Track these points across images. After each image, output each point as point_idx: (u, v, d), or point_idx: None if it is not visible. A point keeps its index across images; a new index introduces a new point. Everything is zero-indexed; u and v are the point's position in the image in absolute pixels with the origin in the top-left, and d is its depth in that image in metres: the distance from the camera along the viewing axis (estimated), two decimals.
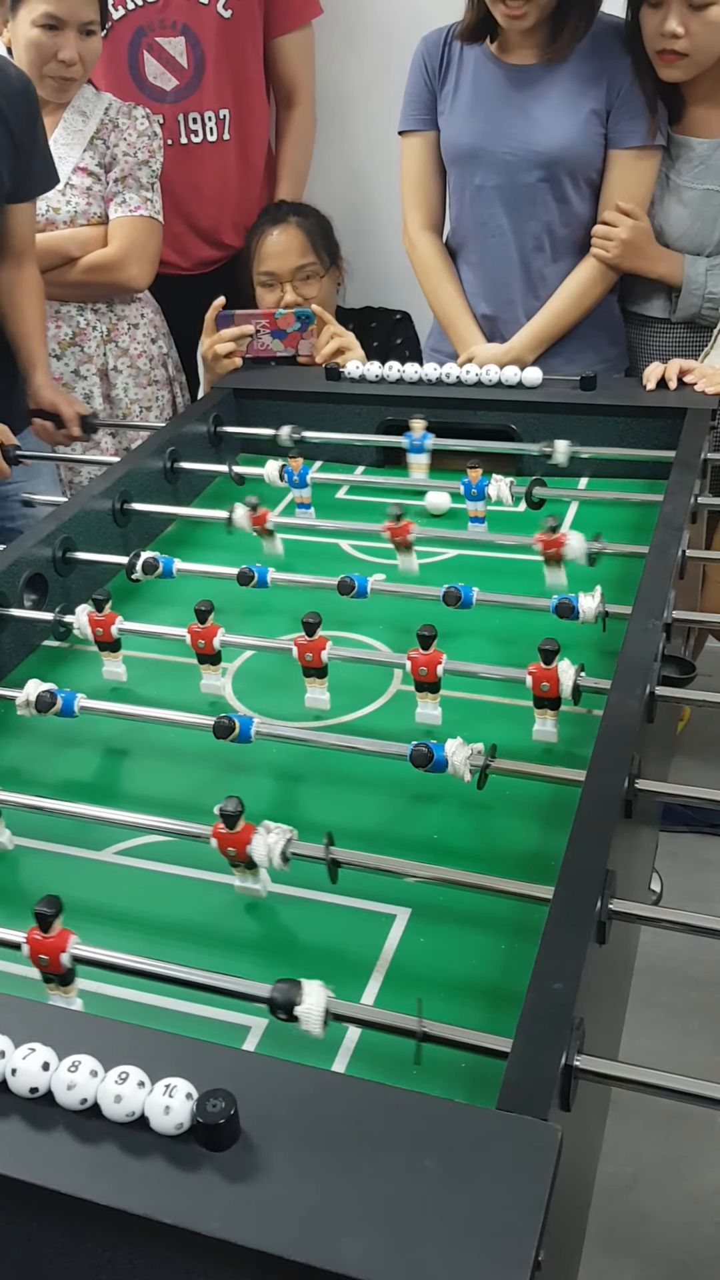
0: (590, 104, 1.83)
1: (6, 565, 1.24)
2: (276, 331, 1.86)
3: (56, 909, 0.76)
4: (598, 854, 0.79)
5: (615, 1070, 0.68)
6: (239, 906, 0.91)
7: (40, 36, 1.87)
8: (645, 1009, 1.29)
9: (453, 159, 1.95)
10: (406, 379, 1.68)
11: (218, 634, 1.13)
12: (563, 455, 1.51)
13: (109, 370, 2.11)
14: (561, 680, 1.02)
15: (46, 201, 1.98)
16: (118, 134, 2.01)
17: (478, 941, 0.86)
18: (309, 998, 0.71)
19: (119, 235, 2.01)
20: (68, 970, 0.77)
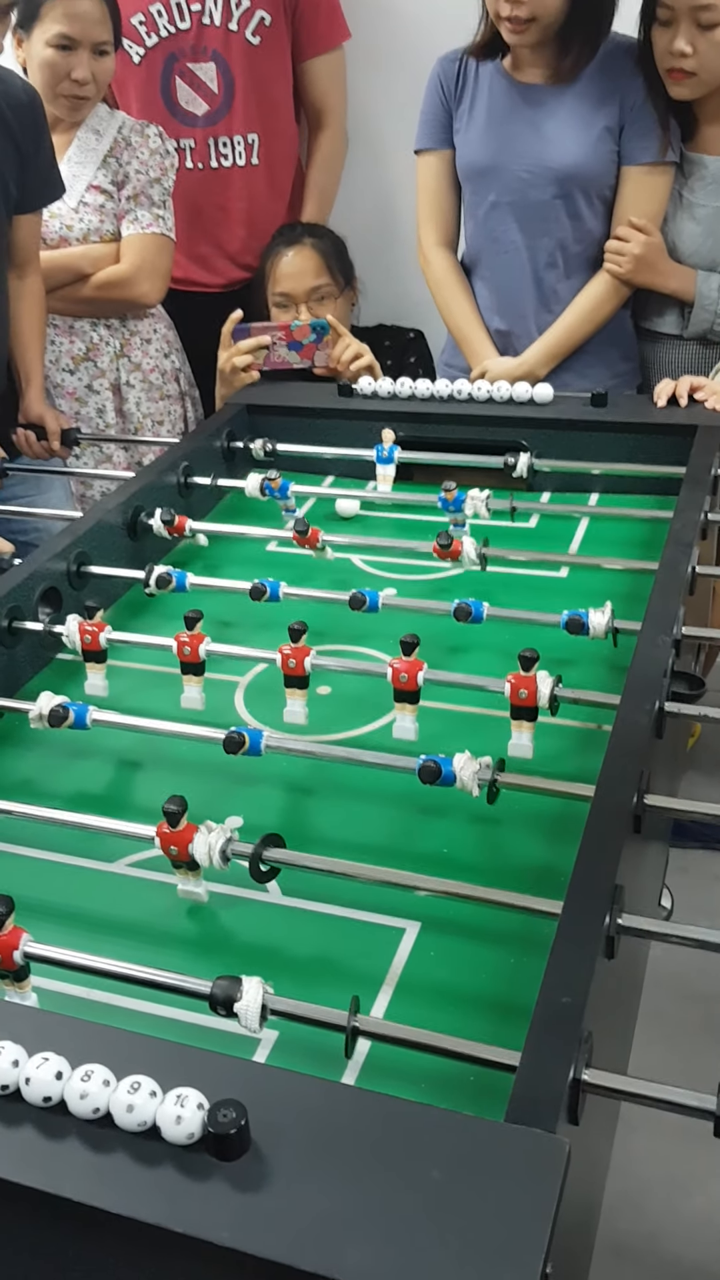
0: (603, 121, 1.85)
1: (22, 579, 1.25)
2: (292, 343, 1.87)
3: (8, 908, 0.78)
4: (606, 869, 0.79)
5: (623, 1084, 0.69)
6: (248, 920, 0.92)
7: (54, 56, 1.90)
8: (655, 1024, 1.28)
9: (467, 176, 1.97)
10: (418, 395, 1.70)
11: (203, 643, 1.14)
12: (523, 468, 1.54)
13: (121, 385, 2.13)
14: (539, 689, 1.02)
15: (60, 219, 2.01)
16: (130, 152, 2.03)
17: (487, 955, 0.87)
18: (247, 994, 0.73)
19: (131, 252, 2.04)
20: (21, 966, 0.80)
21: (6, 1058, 0.64)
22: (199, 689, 1.16)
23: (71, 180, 2.01)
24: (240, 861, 0.89)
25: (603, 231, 1.93)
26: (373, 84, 2.35)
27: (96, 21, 1.89)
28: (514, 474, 1.54)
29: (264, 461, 1.70)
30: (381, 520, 1.59)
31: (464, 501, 1.43)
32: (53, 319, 2.07)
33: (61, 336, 2.09)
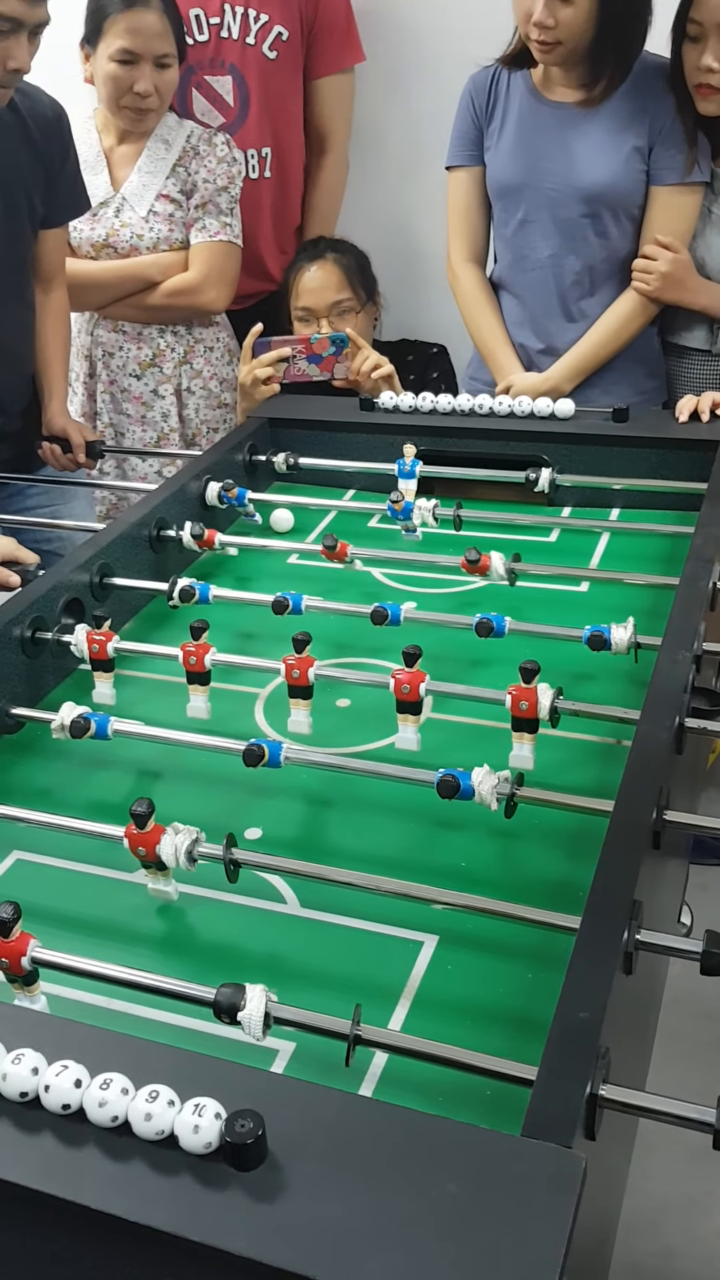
0: (632, 141, 1.86)
1: (45, 589, 1.26)
2: (312, 356, 1.90)
3: (16, 914, 0.79)
4: (625, 884, 0.79)
5: (641, 1100, 0.69)
6: (266, 931, 0.92)
7: (117, 70, 1.94)
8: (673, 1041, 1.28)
9: (497, 194, 1.98)
10: (439, 410, 1.70)
11: (209, 653, 1.15)
12: (544, 483, 1.54)
13: (183, 391, 2.16)
14: (540, 701, 1.02)
15: (130, 228, 2.05)
16: (198, 161, 2.07)
17: (504, 969, 0.87)
18: (251, 1001, 0.73)
19: (199, 260, 2.07)
20: (30, 971, 0.81)
21: (26, 1065, 0.64)
22: (204, 699, 1.16)
23: (141, 190, 2.05)
24: (204, 861, 0.91)
25: (630, 249, 1.94)
26: (398, 101, 2.36)
27: (158, 35, 1.93)
28: (535, 489, 1.55)
29: (285, 475, 1.71)
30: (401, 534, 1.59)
31: (412, 510, 1.45)
32: (121, 326, 2.12)
33: (129, 343, 2.13)
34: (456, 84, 2.01)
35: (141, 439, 2.17)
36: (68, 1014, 0.82)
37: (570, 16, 1.74)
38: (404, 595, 1.40)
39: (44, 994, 0.84)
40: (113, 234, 2.06)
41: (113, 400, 2.16)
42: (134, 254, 2.07)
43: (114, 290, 2.07)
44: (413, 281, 2.35)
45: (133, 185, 2.06)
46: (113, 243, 2.06)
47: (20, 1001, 0.81)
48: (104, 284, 2.06)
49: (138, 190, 2.06)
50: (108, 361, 2.14)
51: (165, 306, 2.09)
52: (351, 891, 0.90)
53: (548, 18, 1.74)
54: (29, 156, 1.74)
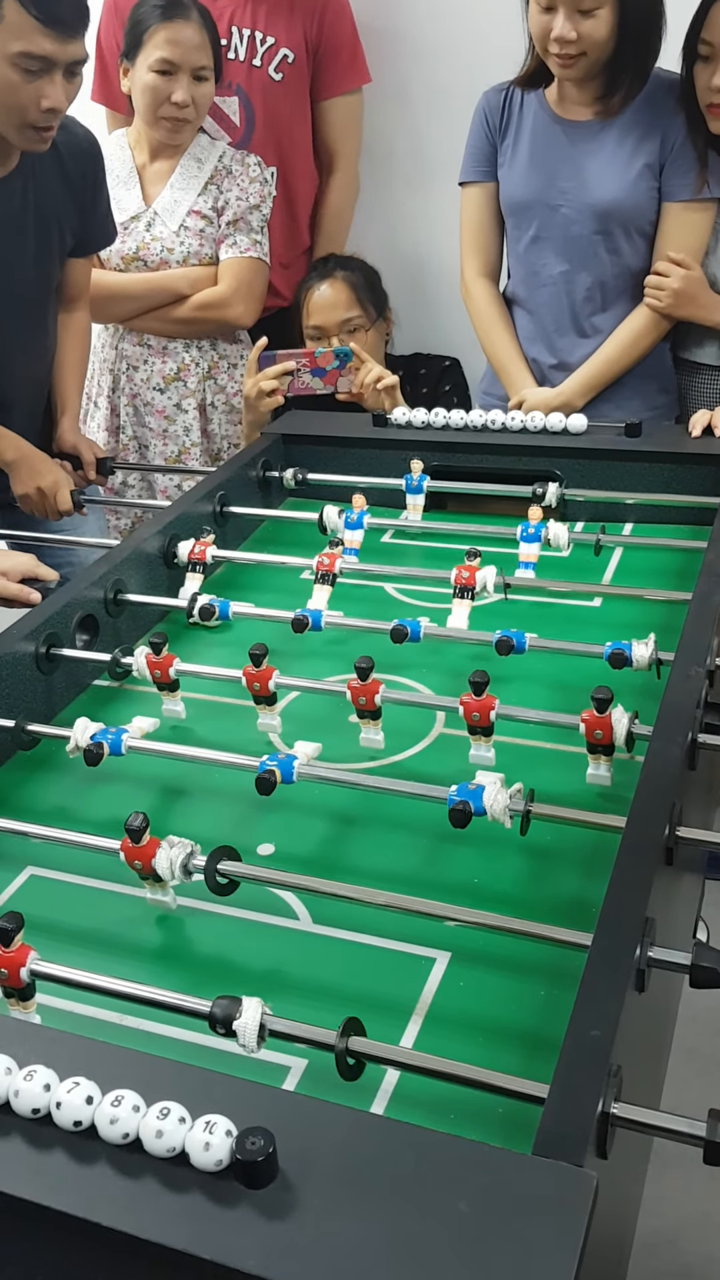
0: (644, 158, 1.87)
1: (60, 606, 1.27)
2: (316, 370, 1.92)
3: (17, 925, 0.80)
4: (637, 901, 0.79)
5: (653, 1119, 0.68)
6: (278, 947, 0.92)
7: (155, 80, 1.97)
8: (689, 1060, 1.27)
9: (509, 210, 1.99)
10: (451, 425, 1.71)
11: (272, 676, 1.15)
12: (552, 498, 1.54)
13: (206, 406, 2.18)
14: (615, 729, 1.02)
15: (161, 242, 2.08)
16: (230, 180, 2.10)
17: (517, 987, 0.87)
18: (246, 1013, 0.74)
19: (228, 275, 2.10)
20: (27, 985, 0.81)
21: (38, 1081, 0.65)
22: (273, 715, 1.18)
23: (173, 205, 2.09)
24: (198, 875, 0.91)
25: (643, 266, 1.94)
26: (409, 118, 2.38)
27: (196, 47, 1.97)
28: (543, 503, 1.55)
29: (297, 491, 1.72)
30: (414, 549, 1.59)
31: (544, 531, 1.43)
32: (147, 339, 2.14)
33: (154, 357, 2.15)
34: (466, 102, 2.02)
35: (163, 453, 2.19)
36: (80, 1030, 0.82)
37: (592, 29, 1.75)
38: (417, 610, 1.40)
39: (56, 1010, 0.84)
40: (143, 247, 2.09)
41: (135, 413, 2.18)
42: (163, 267, 2.10)
43: (143, 302, 2.10)
44: (425, 295, 2.36)
45: (165, 201, 2.09)
46: (143, 256, 2.09)
47: (14, 1015, 0.81)
48: (133, 295, 2.08)
49: (169, 206, 2.09)
50: (131, 375, 2.16)
51: (193, 319, 2.12)
52: (363, 907, 0.90)
53: (570, 32, 1.75)
54: (62, 188, 1.76)
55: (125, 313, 2.12)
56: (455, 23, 2.31)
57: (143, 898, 0.97)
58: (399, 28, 2.32)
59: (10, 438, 1.76)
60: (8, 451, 1.76)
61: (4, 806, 1.10)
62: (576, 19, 1.74)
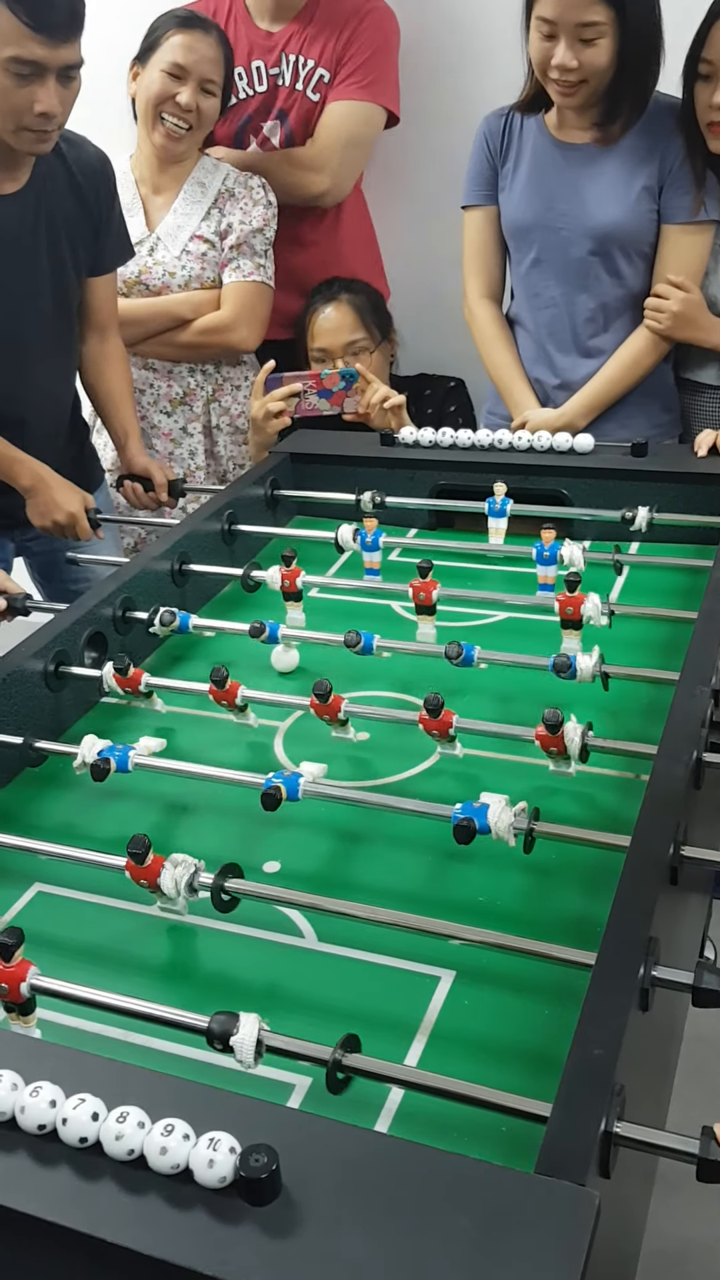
0: (642, 181, 1.88)
1: (69, 623, 1.28)
2: (323, 391, 1.94)
3: (18, 940, 0.80)
4: (641, 920, 0.79)
5: (656, 1138, 0.68)
6: (283, 965, 0.93)
7: (164, 80, 1.99)
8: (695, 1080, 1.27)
9: (510, 233, 2.01)
10: (459, 444, 1.72)
11: (239, 691, 1.17)
12: (642, 522, 1.53)
13: (212, 429, 2.20)
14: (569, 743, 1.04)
15: (164, 266, 2.09)
16: (233, 203, 2.11)
17: (521, 1006, 0.87)
18: (243, 1029, 0.74)
19: (231, 299, 2.11)
20: (27, 1000, 0.82)
21: (44, 1098, 0.65)
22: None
23: (176, 230, 2.10)
24: (204, 893, 0.92)
25: (642, 287, 1.95)
26: (418, 142, 2.39)
27: (210, 60, 1.98)
28: (632, 527, 1.53)
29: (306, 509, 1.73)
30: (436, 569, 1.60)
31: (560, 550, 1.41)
32: (152, 363, 2.16)
33: (160, 380, 2.16)
34: (472, 125, 2.04)
35: None
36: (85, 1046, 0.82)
37: (592, 57, 1.77)
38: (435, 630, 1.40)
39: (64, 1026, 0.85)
40: (145, 271, 2.10)
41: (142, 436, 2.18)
42: (165, 291, 2.11)
43: (146, 327, 2.11)
44: (430, 316, 2.37)
45: (168, 225, 2.10)
46: (145, 279, 2.10)
47: (15, 1029, 0.82)
48: (136, 320, 2.10)
49: (172, 230, 2.10)
50: (138, 398, 2.17)
51: (196, 344, 2.13)
52: (369, 926, 0.90)
53: (571, 60, 1.76)
54: (75, 205, 1.77)
55: (129, 338, 2.12)
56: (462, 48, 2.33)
57: (148, 915, 0.98)
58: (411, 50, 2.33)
59: (27, 463, 1.76)
60: (23, 477, 1.76)
61: (12, 823, 1.11)
62: (578, 47, 1.76)
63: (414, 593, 1.34)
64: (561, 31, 1.75)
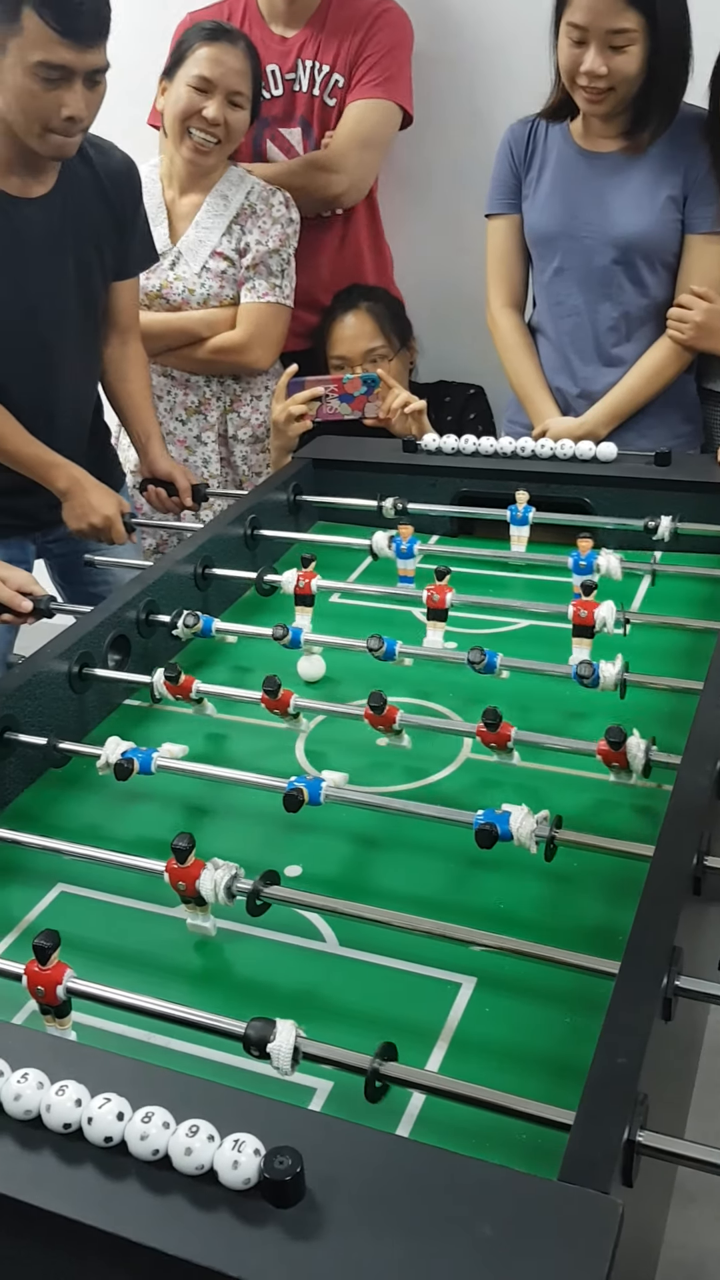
0: (667, 191, 1.88)
1: (93, 626, 1.28)
2: (344, 396, 1.95)
3: (54, 943, 0.80)
4: (664, 930, 0.79)
5: (679, 1148, 0.68)
6: (304, 969, 0.93)
7: (191, 94, 1.99)
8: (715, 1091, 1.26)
9: (534, 242, 2.01)
10: (481, 451, 1.72)
11: (291, 700, 1.16)
12: (665, 531, 1.52)
13: (229, 438, 2.21)
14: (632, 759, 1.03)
15: (184, 282, 2.10)
16: (254, 220, 2.10)
17: (542, 1013, 0.87)
18: (280, 1035, 0.74)
19: (247, 320, 2.11)
20: (63, 1003, 0.82)
21: (70, 1097, 0.66)
22: None
23: (197, 245, 2.10)
24: (243, 897, 0.92)
25: (665, 297, 1.95)
26: (438, 149, 2.40)
27: (237, 72, 1.98)
28: (654, 536, 1.53)
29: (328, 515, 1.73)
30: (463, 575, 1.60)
31: (597, 559, 1.42)
32: (169, 371, 2.16)
33: (177, 389, 2.18)
34: (498, 132, 2.04)
35: None
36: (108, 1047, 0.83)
37: (623, 64, 1.77)
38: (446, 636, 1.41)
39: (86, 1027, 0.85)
40: (166, 286, 2.10)
41: None
42: (185, 307, 2.11)
43: (162, 341, 2.12)
44: (451, 324, 2.37)
45: (189, 240, 2.10)
46: (165, 294, 2.10)
47: (51, 1032, 0.82)
48: (153, 334, 2.10)
49: (194, 246, 2.10)
50: (155, 405, 2.18)
51: (211, 362, 2.14)
52: (390, 931, 0.91)
53: (601, 66, 1.76)
54: (101, 209, 1.78)
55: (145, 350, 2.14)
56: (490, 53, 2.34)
57: (170, 916, 0.98)
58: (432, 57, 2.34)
59: (65, 467, 1.77)
60: (60, 480, 1.77)
61: (35, 823, 1.11)
62: (608, 54, 1.76)
63: (428, 596, 1.34)
64: (592, 38, 1.75)
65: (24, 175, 1.67)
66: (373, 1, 2.23)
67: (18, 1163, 0.65)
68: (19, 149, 1.63)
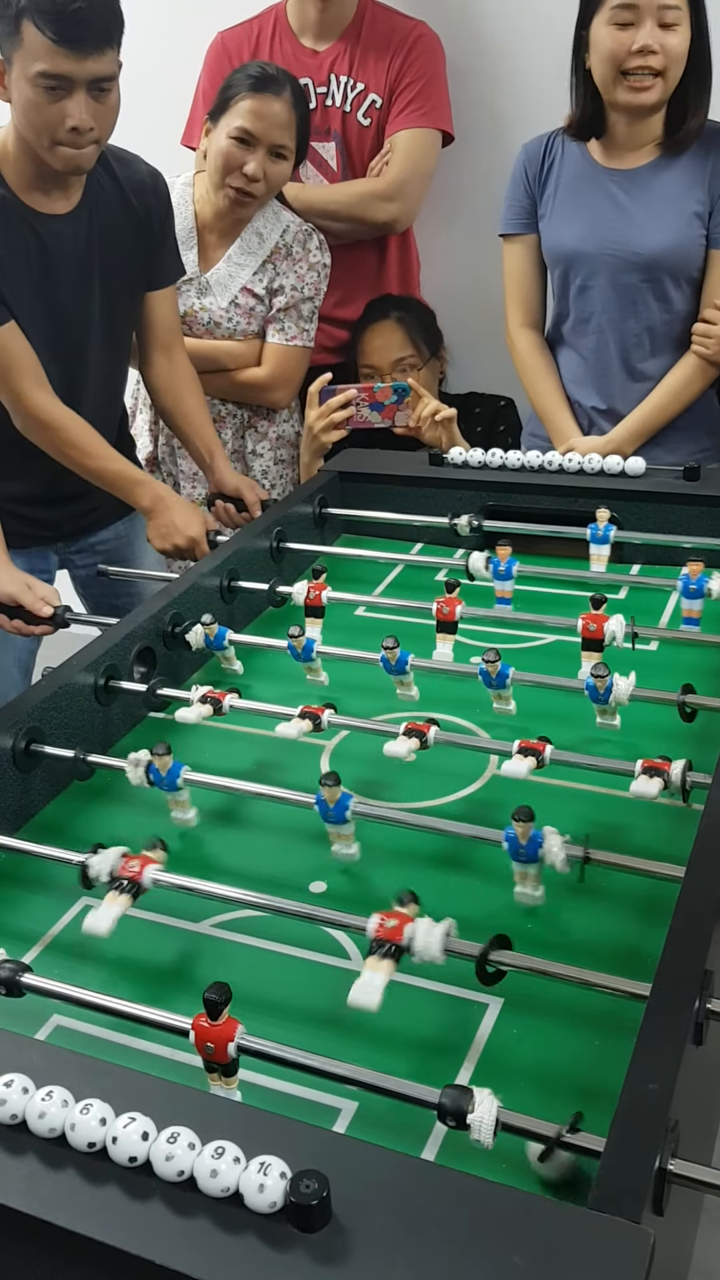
0: (693, 206, 1.88)
1: (120, 638, 1.28)
2: (375, 404, 1.95)
3: (226, 997, 0.75)
4: (696, 953, 0.78)
5: (711, 1177, 0.67)
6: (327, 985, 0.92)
7: (232, 148, 1.96)
8: None
9: (554, 260, 2.01)
10: (508, 465, 1.71)
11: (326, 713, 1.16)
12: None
13: (247, 453, 2.21)
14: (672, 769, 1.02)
15: (210, 314, 2.09)
16: (289, 263, 2.09)
17: (571, 1035, 0.86)
18: (480, 1105, 0.70)
19: (272, 361, 2.12)
20: (233, 1060, 0.76)
21: (94, 1115, 0.65)
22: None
23: (228, 279, 2.09)
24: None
25: (690, 311, 1.95)
26: (466, 163, 2.41)
27: (281, 125, 1.95)
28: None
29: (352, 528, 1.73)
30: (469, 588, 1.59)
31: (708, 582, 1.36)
32: None
33: None
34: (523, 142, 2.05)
35: (190, 495, 2.18)
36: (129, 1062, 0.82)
37: (674, 43, 1.78)
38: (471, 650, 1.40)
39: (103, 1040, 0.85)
40: (191, 314, 2.09)
41: (171, 453, 2.20)
42: (207, 337, 2.11)
43: None
44: (482, 335, 2.37)
45: (220, 274, 2.09)
46: (189, 321, 2.09)
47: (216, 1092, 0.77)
48: None
49: (224, 280, 2.08)
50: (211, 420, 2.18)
51: (233, 393, 2.15)
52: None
53: (654, 43, 1.76)
54: (127, 221, 1.78)
55: None
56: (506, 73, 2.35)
57: (194, 931, 0.98)
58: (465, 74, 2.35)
59: (149, 484, 1.77)
60: (144, 498, 1.76)
61: (61, 836, 1.11)
62: (658, 33, 1.76)
63: (437, 609, 1.33)
64: (645, 14, 1.75)
65: (49, 191, 1.68)
66: (406, 23, 2.24)
67: (41, 1182, 0.64)
68: (40, 165, 1.63)
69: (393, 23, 2.24)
